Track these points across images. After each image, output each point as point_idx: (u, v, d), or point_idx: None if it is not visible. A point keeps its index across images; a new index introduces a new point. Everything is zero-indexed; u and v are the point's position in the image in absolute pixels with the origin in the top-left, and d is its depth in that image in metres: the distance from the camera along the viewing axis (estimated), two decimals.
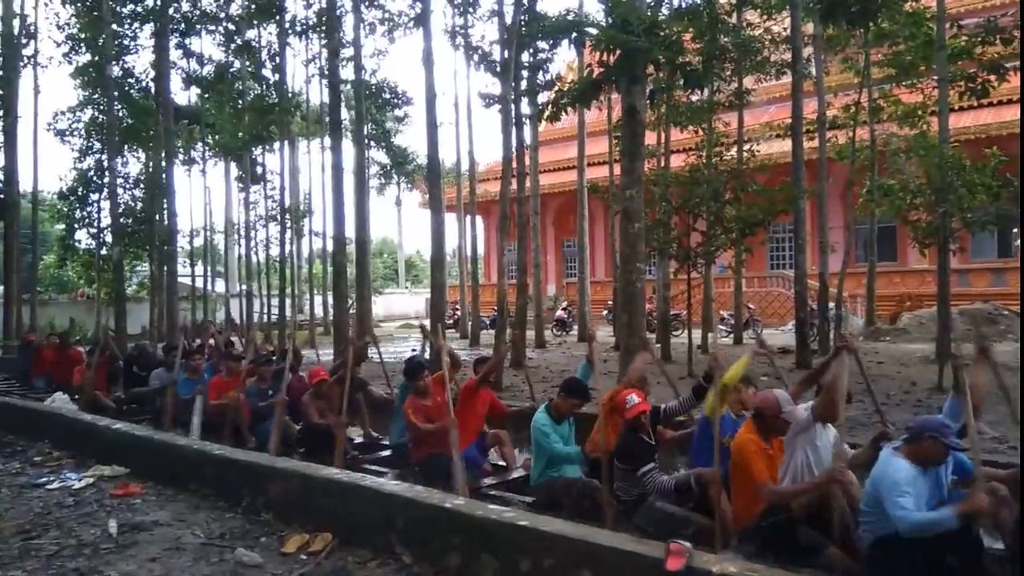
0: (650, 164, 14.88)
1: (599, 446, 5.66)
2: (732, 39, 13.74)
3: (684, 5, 12.58)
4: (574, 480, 5.54)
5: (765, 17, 16.20)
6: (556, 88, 13.85)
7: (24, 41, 19.66)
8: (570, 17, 12.09)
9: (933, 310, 16.15)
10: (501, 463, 6.75)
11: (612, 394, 5.84)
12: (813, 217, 17.56)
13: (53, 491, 5.74)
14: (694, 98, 15.46)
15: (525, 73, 13.90)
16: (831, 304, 14.95)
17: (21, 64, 19.58)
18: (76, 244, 25.85)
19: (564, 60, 27.26)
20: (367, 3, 19.27)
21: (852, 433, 6.30)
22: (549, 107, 10.55)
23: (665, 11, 13.16)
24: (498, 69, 13.86)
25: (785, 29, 15.52)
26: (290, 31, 20.37)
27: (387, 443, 7.71)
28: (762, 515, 4.29)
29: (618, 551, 3.33)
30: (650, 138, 14.42)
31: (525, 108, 15.14)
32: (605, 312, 25.33)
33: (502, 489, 6.07)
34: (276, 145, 23.04)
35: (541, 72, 13.75)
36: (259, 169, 24.66)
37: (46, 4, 20.43)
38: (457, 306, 25.53)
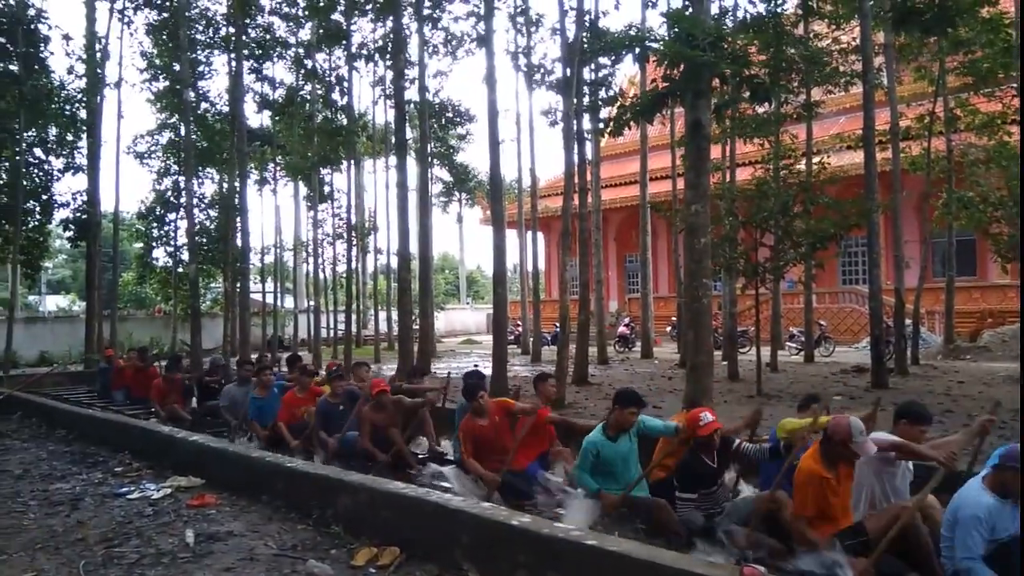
0: (715, 178, 14.68)
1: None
2: (799, 51, 13.47)
3: (749, 17, 12.38)
4: (638, 498, 5.45)
5: (833, 27, 15.84)
6: (618, 103, 13.82)
7: (105, 68, 20.65)
8: (632, 32, 12.04)
9: (1016, 327, 15.43)
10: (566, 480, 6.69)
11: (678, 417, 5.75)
12: (887, 230, 17.04)
13: (133, 501, 5.95)
14: (760, 110, 15.19)
15: (586, 89, 13.91)
16: (908, 321, 14.43)
17: (104, 88, 20.56)
18: (154, 262, 26.96)
19: (625, 75, 27.19)
20: (431, 25, 19.65)
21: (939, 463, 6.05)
22: (612, 122, 10.51)
23: (729, 22, 13.00)
24: (560, 86, 13.91)
25: (854, 39, 15.15)
26: (357, 55, 20.90)
27: (451, 458, 7.74)
28: (839, 538, 4.16)
29: (689, 574, 3.25)
30: (714, 152, 14.23)
31: (587, 124, 15.14)
32: (669, 328, 24.99)
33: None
34: (343, 165, 23.61)
35: (603, 88, 13.74)
36: (326, 188, 25.31)
37: (131, 35, 21.46)
38: (519, 322, 25.57)
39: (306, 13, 20.31)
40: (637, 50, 9.49)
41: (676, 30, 8.66)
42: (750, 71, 9.04)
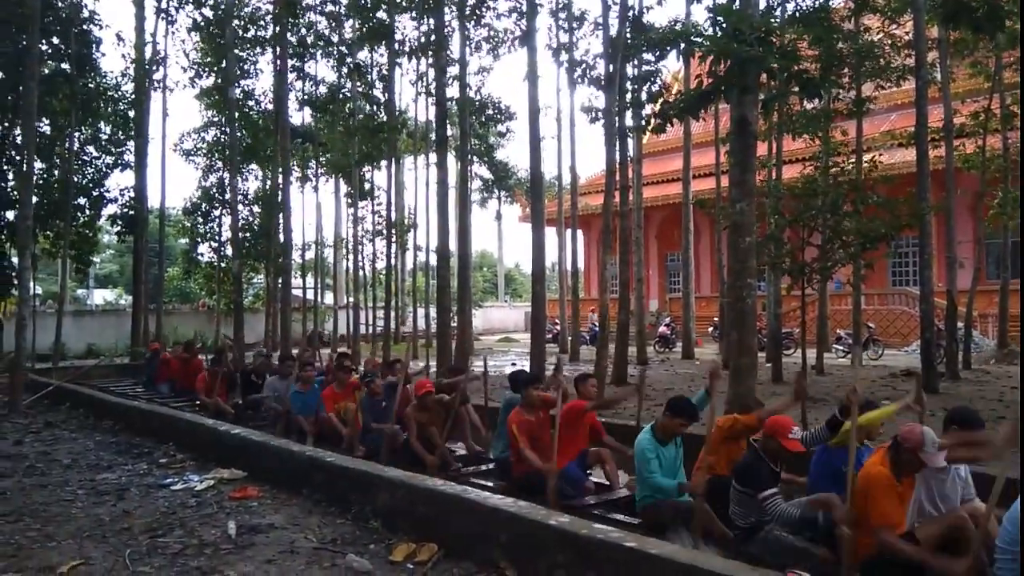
0: (761, 175, 14.40)
1: (711, 468, 5.45)
2: (850, 45, 13.12)
3: (798, 11, 12.09)
4: (681, 503, 5.34)
5: (886, 21, 15.42)
6: (661, 100, 13.64)
7: (154, 68, 21.11)
8: (677, 27, 11.87)
9: None
10: (604, 482, 6.61)
11: (732, 421, 5.58)
12: (940, 230, 16.58)
13: (177, 492, 6.03)
14: (809, 106, 14.86)
15: (629, 85, 13.75)
16: (959, 324, 14.00)
17: (152, 89, 21.02)
18: (199, 257, 27.48)
19: (669, 71, 26.85)
20: (474, 22, 19.65)
21: (983, 463, 5.83)
22: (654, 118, 10.36)
23: (777, 16, 12.72)
24: (602, 82, 13.79)
25: (907, 33, 14.73)
26: (400, 52, 21.00)
27: (490, 456, 7.70)
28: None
29: None
30: (760, 148, 13.98)
31: (629, 120, 14.99)
32: (711, 329, 24.65)
33: (605, 508, 5.94)
34: (383, 162, 23.76)
35: (647, 84, 13.57)
36: (367, 185, 25.50)
37: (174, 32, 21.87)
38: (556, 320, 25.46)
39: (349, 12, 20.49)
40: (682, 45, 9.30)
41: (723, 25, 8.48)
42: (799, 66, 8.82)
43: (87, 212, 20.48)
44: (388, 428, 7.47)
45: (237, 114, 19.57)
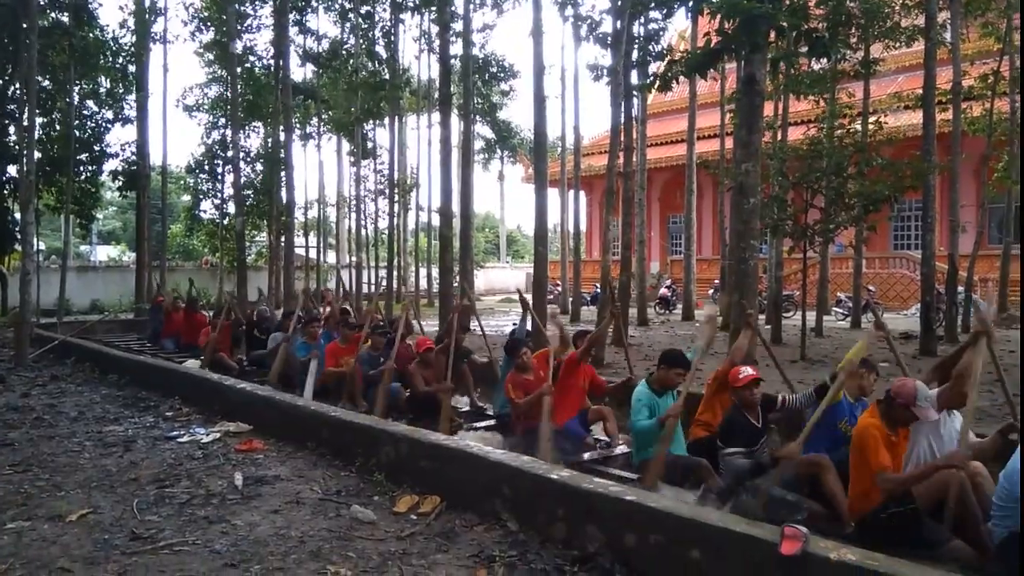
0: (766, 137, 14.30)
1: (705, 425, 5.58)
2: (859, 4, 12.91)
3: None
4: (678, 457, 5.44)
5: None
6: (668, 59, 13.48)
7: (153, 19, 20.79)
8: None
9: None
10: (605, 439, 6.71)
11: (717, 373, 5.70)
12: (943, 194, 16.48)
13: (184, 444, 6.11)
14: (816, 66, 14.65)
15: (636, 44, 13.56)
16: (960, 288, 14.01)
17: (152, 42, 20.74)
18: (202, 214, 27.44)
19: (676, 29, 26.45)
20: None
21: (979, 424, 5.91)
22: (660, 77, 10.26)
23: None
24: (608, 40, 13.59)
25: None
26: (402, 6, 20.67)
27: (491, 412, 7.81)
28: (883, 505, 4.09)
29: (730, 532, 3.23)
30: (765, 109, 13.86)
31: (634, 80, 14.83)
32: (711, 291, 24.69)
33: (605, 464, 6.04)
34: (385, 121, 23.54)
35: (653, 43, 13.39)
36: (369, 144, 25.30)
37: None
38: (558, 282, 25.48)
39: None
40: (690, 2, 9.19)
41: None
42: (808, 24, 8.71)
43: (89, 168, 20.37)
44: (387, 365, 7.56)
45: (239, 69, 19.34)
